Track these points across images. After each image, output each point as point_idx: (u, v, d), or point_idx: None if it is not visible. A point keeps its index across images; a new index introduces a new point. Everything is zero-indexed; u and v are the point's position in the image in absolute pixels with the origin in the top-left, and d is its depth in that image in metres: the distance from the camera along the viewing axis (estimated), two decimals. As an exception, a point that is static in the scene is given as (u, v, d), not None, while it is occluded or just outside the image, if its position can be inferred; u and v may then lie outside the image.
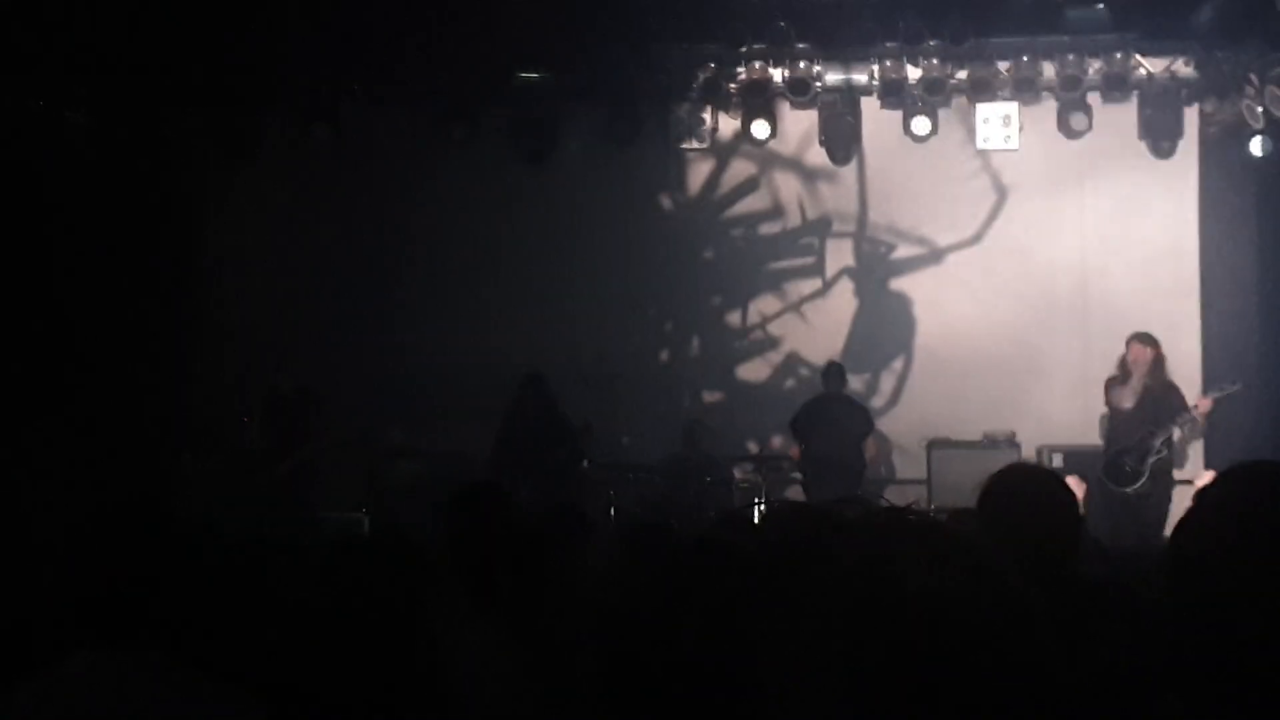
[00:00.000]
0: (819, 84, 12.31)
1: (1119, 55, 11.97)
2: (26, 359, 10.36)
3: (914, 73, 12.13)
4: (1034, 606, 1.09)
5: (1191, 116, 12.54)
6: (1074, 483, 9.26)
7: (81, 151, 11.10)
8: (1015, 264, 12.75)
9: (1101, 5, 11.46)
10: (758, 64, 12.21)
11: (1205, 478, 8.73)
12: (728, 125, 12.97)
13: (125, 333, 11.48)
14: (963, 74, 12.16)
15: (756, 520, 7.49)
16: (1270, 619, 1.73)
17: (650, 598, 4.06)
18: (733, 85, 12.39)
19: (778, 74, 12.27)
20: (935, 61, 12.03)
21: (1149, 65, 12.16)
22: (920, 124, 12.34)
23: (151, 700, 2.77)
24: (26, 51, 10.18)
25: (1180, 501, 9.74)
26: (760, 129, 12.49)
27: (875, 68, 12.25)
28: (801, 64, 12.19)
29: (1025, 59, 12.04)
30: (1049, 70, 12.08)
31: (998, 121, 12.35)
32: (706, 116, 12.79)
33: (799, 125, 12.97)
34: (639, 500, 11.51)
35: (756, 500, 11.49)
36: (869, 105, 12.64)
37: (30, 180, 10.46)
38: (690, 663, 1.18)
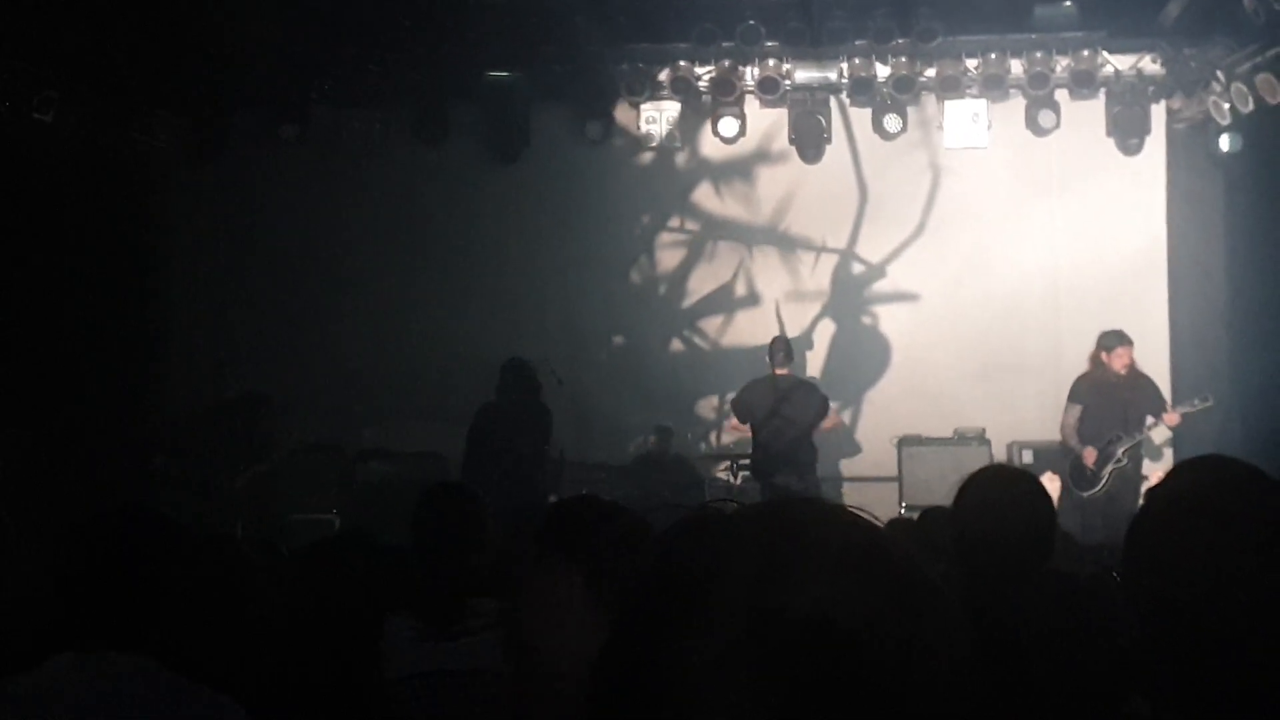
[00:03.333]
0: (788, 82, 12.33)
1: (1086, 53, 12.03)
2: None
3: (883, 71, 12.17)
4: (943, 605, 1.03)
5: (1159, 113, 12.60)
6: (1049, 479, 9.23)
7: (48, 151, 11.01)
8: (983, 260, 12.75)
9: (1069, 3, 11.52)
10: (727, 62, 12.22)
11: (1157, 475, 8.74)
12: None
13: (93, 333, 11.40)
14: (931, 72, 12.21)
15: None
16: (1221, 610, 1.75)
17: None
18: (702, 84, 12.40)
19: (748, 72, 12.30)
20: (904, 59, 12.08)
21: (1116, 62, 12.23)
22: (891, 121, 12.37)
23: (134, 701, 2.76)
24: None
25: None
26: (728, 127, 12.49)
27: (844, 65, 12.28)
28: (771, 62, 12.22)
29: (993, 56, 12.09)
30: (1017, 68, 12.13)
31: (966, 119, 12.40)
32: (676, 115, 12.77)
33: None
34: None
35: (728, 499, 11.46)
36: (837, 109, 12.70)
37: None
38: (604, 681, 1.10)
